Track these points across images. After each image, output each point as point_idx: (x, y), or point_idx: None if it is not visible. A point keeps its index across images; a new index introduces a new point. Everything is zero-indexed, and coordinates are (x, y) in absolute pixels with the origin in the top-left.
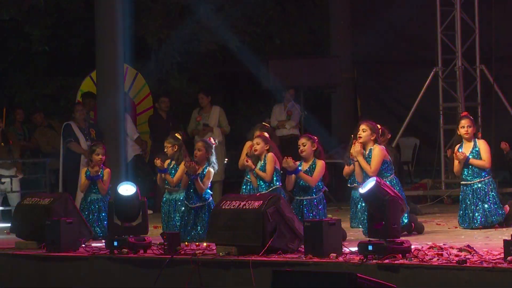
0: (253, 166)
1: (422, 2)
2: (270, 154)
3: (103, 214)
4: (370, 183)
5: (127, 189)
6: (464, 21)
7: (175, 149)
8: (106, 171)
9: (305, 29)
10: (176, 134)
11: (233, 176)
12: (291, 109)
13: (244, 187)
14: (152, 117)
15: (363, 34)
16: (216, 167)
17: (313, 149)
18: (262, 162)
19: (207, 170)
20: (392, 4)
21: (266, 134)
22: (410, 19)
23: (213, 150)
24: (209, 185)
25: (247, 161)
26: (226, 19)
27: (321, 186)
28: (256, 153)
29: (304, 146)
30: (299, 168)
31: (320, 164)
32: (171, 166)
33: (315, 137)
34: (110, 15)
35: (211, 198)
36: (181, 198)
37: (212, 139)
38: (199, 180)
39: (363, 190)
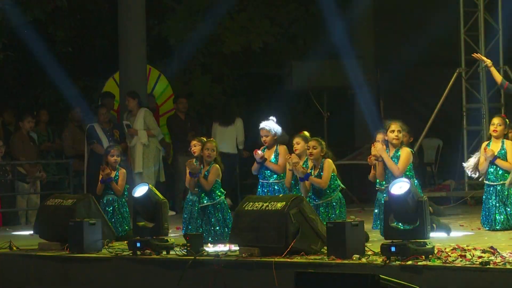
0: (308, 171)
1: (445, 3)
2: (328, 160)
3: (119, 216)
4: (404, 184)
5: (140, 190)
6: (487, 22)
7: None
8: (121, 171)
9: (328, 30)
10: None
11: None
12: None
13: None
14: (170, 118)
15: (385, 35)
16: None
17: (322, 154)
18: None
19: (211, 166)
20: (415, 5)
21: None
22: (433, 20)
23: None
24: (218, 182)
25: (299, 167)
26: (249, 19)
27: (337, 185)
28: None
29: (315, 149)
30: (309, 173)
31: (327, 163)
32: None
33: (323, 142)
34: (133, 16)
35: (222, 197)
36: None
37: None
38: (201, 177)
39: (396, 191)
